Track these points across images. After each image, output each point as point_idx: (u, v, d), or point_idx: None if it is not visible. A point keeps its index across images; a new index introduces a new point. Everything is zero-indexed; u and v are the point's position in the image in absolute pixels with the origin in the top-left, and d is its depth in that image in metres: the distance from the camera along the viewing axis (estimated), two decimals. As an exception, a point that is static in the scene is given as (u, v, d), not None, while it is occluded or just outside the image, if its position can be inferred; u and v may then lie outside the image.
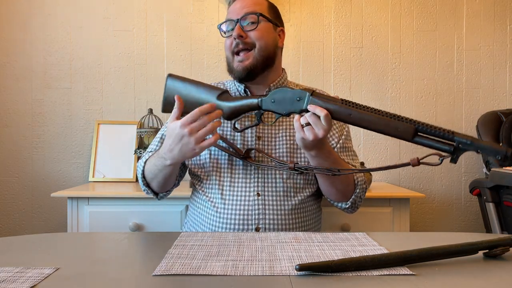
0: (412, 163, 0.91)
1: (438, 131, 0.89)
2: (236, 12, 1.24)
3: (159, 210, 1.78)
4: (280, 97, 1.08)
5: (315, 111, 1.01)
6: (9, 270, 0.73)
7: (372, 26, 2.29)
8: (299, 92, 1.06)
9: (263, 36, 1.23)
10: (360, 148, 2.29)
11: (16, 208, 2.22)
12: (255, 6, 1.24)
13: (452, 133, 0.87)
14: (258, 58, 1.22)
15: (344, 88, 2.29)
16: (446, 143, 0.88)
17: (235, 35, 1.21)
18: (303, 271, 0.71)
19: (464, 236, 1.15)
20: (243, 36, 1.21)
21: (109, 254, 0.90)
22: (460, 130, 2.30)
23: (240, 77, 1.24)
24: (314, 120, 1.01)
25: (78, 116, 2.23)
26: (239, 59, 1.23)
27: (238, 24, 1.21)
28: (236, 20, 1.22)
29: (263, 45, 1.23)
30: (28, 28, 2.22)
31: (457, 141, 0.86)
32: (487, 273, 0.74)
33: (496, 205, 1.94)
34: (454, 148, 0.86)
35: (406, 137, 0.93)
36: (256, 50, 1.22)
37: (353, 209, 1.27)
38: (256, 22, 1.22)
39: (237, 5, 1.25)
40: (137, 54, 2.25)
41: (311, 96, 1.04)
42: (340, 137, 1.30)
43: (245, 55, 1.22)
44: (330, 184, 1.21)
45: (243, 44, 1.21)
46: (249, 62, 1.22)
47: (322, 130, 1.01)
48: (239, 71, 1.23)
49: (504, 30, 2.32)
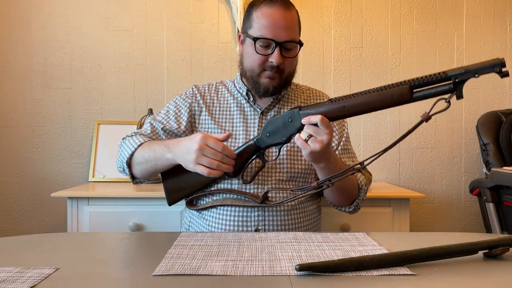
0: (424, 118, 0.88)
1: (431, 78, 0.87)
2: (279, 32, 1.17)
3: (159, 210, 1.78)
4: (273, 127, 1.08)
5: (310, 121, 1.00)
6: (9, 270, 0.73)
7: (372, 26, 2.29)
8: (288, 114, 1.06)
9: (294, 64, 1.25)
10: (360, 148, 2.29)
11: (16, 208, 2.22)
12: (295, 26, 1.22)
13: (443, 73, 0.86)
14: (285, 80, 1.24)
15: (344, 88, 2.29)
16: (444, 85, 0.87)
17: (276, 62, 1.18)
18: (303, 271, 0.71)
19: (464, 236, 1.15)
20: (282, 63, 1.19)
21: (109, 254, 0.90)
22: (460, 130, 2.31)
23: (265, 92, 1.24)
24: (313, 129, 1.00)
25: (78, 116, 2.23)
26: (269, 75, 1.21)
27: (278, 49, 1.17)
28: (278, 44, 1.17)
29: (292, 72, 1.26)
30: (28, 28, 2.22)
31: (452, 76, 0.85)
32: (487, 273, 0.74)
33: (496, 205, 1.94)
34: (453, 83, 0.85)
35: (405, 99, 0.91)
36: (285, 75, 1.23)
37: (355, 211, 1.29)
38: (296, 51, 1.22)
39: (279, 23, 1.17)
40: (137, 54, 2.25)
41: (299, 111, 1.04)
42: (340, 139, 1.30)
43: (275, 75, 1.21)
44: (336, 192, 1.21)
45: (276, 68, 1.20)
46: (277, 82, 1.22)
47: (325, 135, 1.00)
48: (267, 87, 1.22)
49: (504, 30, 2.32)
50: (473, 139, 2.28)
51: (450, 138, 2.31)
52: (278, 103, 1.30)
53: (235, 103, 1.30)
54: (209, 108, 1.30)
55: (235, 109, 1.29)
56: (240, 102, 1.30)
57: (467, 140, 2.31)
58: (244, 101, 1.30)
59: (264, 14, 1.19)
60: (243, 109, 1.29)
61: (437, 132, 2.31)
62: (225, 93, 1.33)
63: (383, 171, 2.30)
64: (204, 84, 1.37)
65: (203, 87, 1.35)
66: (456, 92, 0.86)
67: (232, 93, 1.33)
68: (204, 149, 1.03)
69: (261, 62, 1.20)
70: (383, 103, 0.94)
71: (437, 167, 2.31)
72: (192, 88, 1.35)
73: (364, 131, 2.29)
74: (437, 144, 2.31)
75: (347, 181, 1.19)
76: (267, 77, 1.21)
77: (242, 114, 1.29)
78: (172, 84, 2.25)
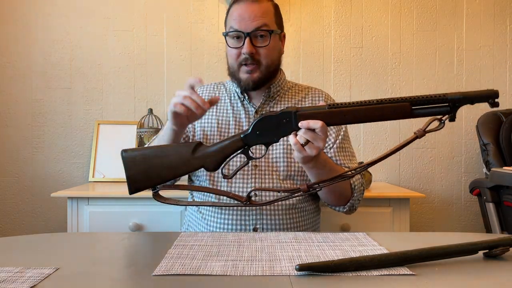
0: (418, 134, 0.91)
1: (431, 98, 0.91)
2: (246, 23, 1.19)
3: (159, 210, 1.78)
4: (266, 125, 1.01)
5: (309, 126, 0.96)
6: (9, 270, 0.73)
7: (372, 26, 2.29)
8: (283, 114, 0.99)
9: (272, 54, 1.24)
10: (360, 148, 2.29)
11: (16, 208, 2.22)
12: (264, 16, 1.21)
13: (443, 95, 0.90)
14: (265, 72, 1.23)
15: (344, 88, 2.29)
16: (442, 106, 0.91)
17: (247, 53, 1.19)
18: (303, 271, 0.71)
19: (464, 236, 1.15)
20: (253, 52, 1.20)
21: (109, 254, 0.90)
22: (460, 130, 2.31)
23: (247, 87, 1.24)
24: (311, 135, 0.97)
25: (78, 116, 2.23)
26: (246, 70, 1.22)
27: (248, 39, 1.19)
28: (246, 34, 1.19)
29: (270, 62, 1.24)
30: (28, 28, 2.22)
31: (450, 99, 0.89)
32: (487, 273, 0.74)
33: (496, 205, 1.94)
34: (450, 106, 0.90)
35: (405, 115, 0.94)
36: (264, 66, 1.23)
37: (350, 211, 1.28)
38: (268, 39, 1.21)
39: (245, 14, 1.20)
40: (137, 54, 2.25)
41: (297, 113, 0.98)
42: (337, 137, 1.30)
43: (252, 68, 1.21)
44: (327, 192, 1.21)
45: (251, 59, 1.20)
46: (256, 75, 1.22)
47: (321, 141, 0.98)
48: (247, 82, 1.23)
49: (504, 30, 2.32)
50: (473, 139, 2.28)
51: (450, 138, 2.31)
52: (272, 101, 1.30)
53: (230, 103, 1.31)
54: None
55: (230, 109, 1.30)
56: (236, 103, 1.31)
57: (467, 140, 2.31)
58: (239, 101, 1.31)
59: (233, 11, 1.23)
60: (236, 110, 1.30)
61: (437, 132, 2.30)
62: (223, 93, 1.34)
63: (383, 171, 2.30)
64: (204, 85, 1.37)
65: (201, 89, 1.36)
66: (450, 115, 0.90)
67: (230, 93, 1.33)
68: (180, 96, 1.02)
69: (236, 56, 1.22)
70: (383, 116, 0.95)
71: (437, 167, 2.31)
72: None
73: (364, 131, 2.29)
74: (437, 144, 2.31)
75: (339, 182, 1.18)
76: (246, 72, 1.22)
77: (237, 114, 1.29)
78: (172, 84, 2.25)
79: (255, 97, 1.30)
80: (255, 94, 1.30)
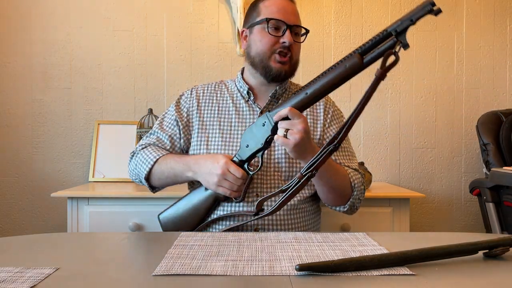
0: (378, 74, 0.92)
1: (375, 39, 0.93)
2: (288, 16, 1.23)
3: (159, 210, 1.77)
4: (249, 137, 1.12)
5: (281, 115, 1.05)
6: (9, 270, 0.73)
7: (372, 26, 2.29)
8: (260, 119, 1.10)
9: (299, 52, 1.29)
10: (360, 148, 2.29)
11: (16, 208, 2.22)
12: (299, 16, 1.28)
13: (384, 30, 0.92)
14: (292, 68, 1.27)
15: (344, 88, 2.29)
16: (388, 41, 0.92)
17: (288, 42, 1.21)
18: (303, 271, 0.71)
19: (464, 236, 1.15)
20: (292, 44, 1.23)
21: (109, 254, 0.90)
22: (460, 130, 2.31)
23: (277, 76, 1.25)
24: (287, 123, 1.04)
25: (78, 116, 2.23)
26: (280, 60, 1.23)
27: (289, 30, 1.22)
28: (287, 26, 1.22)
29: (297, 59, 1.28)
30: (28, 28, 2.22)
31: (392, 30, 0.90)
32: (487, 273, 0.74)
33: (496, 205, 1.94)
34: (395, 36, 0.90)
35: (359, 66, 0.96)
36: (294, 61, 1.26)
37: (351, 211, 1.27)
38: (302, 37, 1.28)
39: (288, 8, 1.24)
40: (137, 54, 2.25)
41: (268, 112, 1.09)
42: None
43: (286, 59, 1.24)
44: (327, 190, 1.21)
45: (287, 50, 1.23)
46: (287, 68, 1.25)
47: (300, 124, 1.03)
48: (279, 72, 1.24)
49: (504, 30, 2.32)
50: (473, 139, 2.28)
51: (450, 138, 2.31)
52: (276, 102, 1.29)
53: (233, 103, 1.31)
54: (207, 108, 1.31)
55: (233, 110, 1.29)
56: (239, 102, 1.30)
57: (467, 140, 2.31)
58: (243, 101, 1.30)
59: (271, 4, 1.25)
60: (241, 109, 1.29)
61: (437, 132, 2.31)
62: (225, 93, 1.33)
63: (383, 171, 2.30)
64: (204, 85, 1.37)
65: (202, 88, 1.35)
66: (400, 42, 0.90)
67: (232, 93, 1.33)
68: (226, 174, 1.10)
69: (272, 43, 1.23)
70: (341, 76, 1.00)
71: (437, 167, 2.31)
72: (191, 90, 1.35)
73: (364, 131, 2.29)
74: (437, 144, 2.31)
75: (338, 179, 1.19)
76: (278, 62, 1.23)
77: (240, 114, 1.29)
78: (172, 84, 2.25)
79: (260, 97, 1.30)
80: (261, 94, 1.30)
